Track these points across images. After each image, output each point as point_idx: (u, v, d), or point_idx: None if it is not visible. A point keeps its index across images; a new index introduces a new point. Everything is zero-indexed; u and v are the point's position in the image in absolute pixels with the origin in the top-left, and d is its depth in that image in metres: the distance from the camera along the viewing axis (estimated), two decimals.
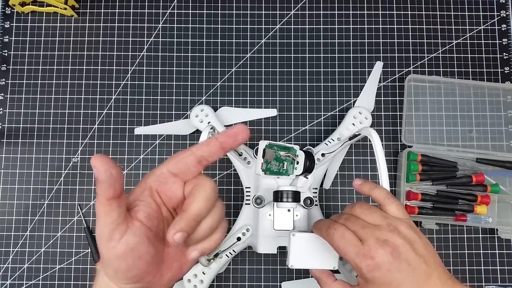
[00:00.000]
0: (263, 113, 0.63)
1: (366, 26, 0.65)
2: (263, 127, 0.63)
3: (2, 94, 0.63)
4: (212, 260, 0.40)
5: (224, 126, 0.60)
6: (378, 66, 0.64)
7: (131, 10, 0.65)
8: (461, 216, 0.58)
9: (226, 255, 0.55)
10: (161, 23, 0.65)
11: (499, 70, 0.64)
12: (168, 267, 0.32)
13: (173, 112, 0.63)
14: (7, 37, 0.64)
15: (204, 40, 0.65)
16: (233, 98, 0.63)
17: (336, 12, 0.66)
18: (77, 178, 0.61)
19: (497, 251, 0.60)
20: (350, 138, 0.57)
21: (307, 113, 0.63)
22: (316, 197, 0.57)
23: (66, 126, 0.62)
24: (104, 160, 0.27)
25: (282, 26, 0.65)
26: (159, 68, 0.64)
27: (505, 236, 0.59)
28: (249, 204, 0.56)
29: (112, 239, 0.28)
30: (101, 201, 0.28)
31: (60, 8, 0.64)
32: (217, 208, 0.32)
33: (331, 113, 0.63)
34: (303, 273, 0.59)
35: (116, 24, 0.65)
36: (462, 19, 0.66)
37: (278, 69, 0.64)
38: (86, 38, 0.64)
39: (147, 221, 0.30)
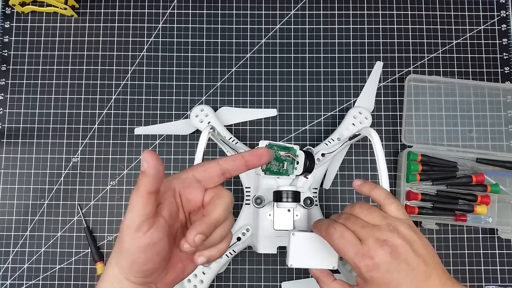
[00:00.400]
0: (263, 113, 0.63)
1: (366, 26, 0.65)
2: (263, 127, 0.63)
3: (2, 94, 0.63)
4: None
5: (224, 126, 0.60)
6: (378, 66, 0.64)
7: (131, 10, 0.65)
8: (461, 216, 0.58)
9: (226, 255, 0.55)
10: (161, 23, 0.65)
11: (499, 70, 0.64)
12: (173, 267, 0.34)
13: (173, 112, 0.63)
14: (7, 37, 0.64)
15: (204, 40, 0.65)
16: (233, 98, 0.63)
17: (336, 12, 0.66)
18: (77, 178, 0.61)
19: (497, 251, 0.60)
20: (350, 138, 0.57)
21: (307, 113, 0.63)
22: (316, 197, 0.57)
23: (66, 126, 0.62)
24: (154, 156, 0.30)
25: (282, 26, 0.65)
26: (159, 68, 0.64)
27: (505, 236, 0.59)
28: (249, 204, 0.56)
29: (140, 230, 0.29)
30: (141, 193, 0.30)
31: (60, 8, 0.64)
32: (229, 219, 0.34)
33: (331, 113, 0.63)
34: (303, 273, 0.59)
35: (116, 24, 0.65)
36: (462, 19, 0.66)
37: (278, 69, 0.64)
38: (86, 38, 0.64)
39: (169, 220, 0.32)
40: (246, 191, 0.56)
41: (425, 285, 0.36)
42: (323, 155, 0.57)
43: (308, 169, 0.50)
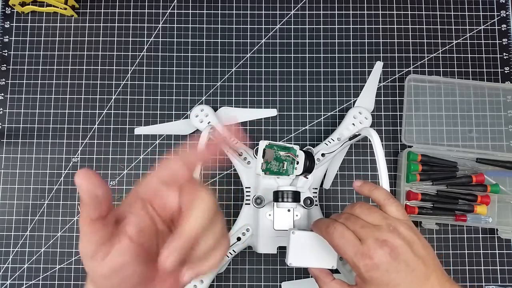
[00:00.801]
0: (263, 113, 0.63)
1: (366, 26, 0.65)
2: (263, 127, 0.63)
3: (2, 94, 0.63)
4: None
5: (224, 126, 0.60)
6: (378, 66, 0.64)
7: (131, 10, 0.65)
8: (461, 216, 0.58)
9: (226, 255, 0.55)
10: (161, 23, 0.65)
11: (499, 70, 0.64)
12: (161, 283, 0.29)
13: (173, 112, 0.63)
14: (7, 37, 0.64)
15: (204, 40, 0.65)
16: (233, 98, 0.63)
17: (336, 12, 0.66)
18: None
19: (497, 251, 0.60)
20: (350, 138, 0.57)
21: (307, 113, 0.63)
22: (316, 197, 0.57)
23: (66, 126, 0.62)
24: (89, 179, 0.25)
25: (282, 26, 0.65)
26: (159, 68, 0.64)
27: (505, 236, 0.59)
28: (249, 204, 0.56)
29: (94, 259, 0.26)
30: (85, 220, 0.26)
31: (60, 8, 0.64)
32: (216, 225, 0.28)
33: (331, 113, 0.63)
34: (303, 273, 0.59)
35: (116, 24, 0.65)
36: (462, 19, 0.66)
37: (278, 69, 0.64)
38: (86, 38, 0.64)
39: (138, 237, 0.27)
40: (246, 191, 0.56)
41: (424, 286, 0.36)
42: (323, 155, 0.57)
43: (308, 169, 0.50)
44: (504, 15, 0.66)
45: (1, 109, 0.63)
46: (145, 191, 0.29)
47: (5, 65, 0.63)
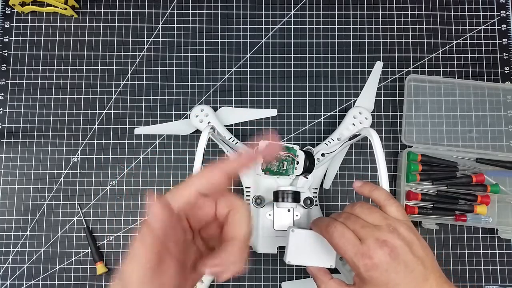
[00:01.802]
0: (263, 113, 0.63)
1: (366, 26, 0.65)
2: (263, 127, 0.63)
3: (2, 94, 0.63)
4: None
5: (224, 126, 0.60)
6: (378, 66, 0.64)
7: (131, 10, 0.65)
8: (461, 216, 0.58)
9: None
10: (161, 23, 0.65)
11: (499, 70, 0.64)
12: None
13: (173, 112, 0.63)
14: (7, 37, 0.64)
15: (204, 40, 0.65)
16: (233, 98, 0.63)
17: (336, 12, 0.66)
18: (77, 178, 0.61)
19: (497, 251, 0.60)
20: (350, 138, 0.57)
21: (307, 113, 0.63)
22: (316, 197, 0.57)
23: (66, 126, 0.62)
24: (165, 213, 0.26)
25: (282, 26, 0.65)
26: (159, 68, 0.64)
27: (505, 236, 0.59)
28: (249, 204, 0.56)
29: (150, 283, 0.27)
30: (148, 248, 0.26)
31: (60, 8, 0.64)
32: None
33: (331, 113, 0.63)
34: (303, 273, 0.59)
35: (116, 24, 0.65)
36: (462, 19, 0.66)
37: (278, 69, 0.64)
38: (86, 38, 0.64)
39: (179, 254, 0.29)
40: (246, 191, 0.56)
41: (422, 287, 0.36)
42: (323, 155, 0.57)
43: (308, 169, 0.50)
44: (504, 15, 0.66)
45: (1, 109, 0.63)
46: (185, 204, 0.29)
47: (5, 65, 0.63)
